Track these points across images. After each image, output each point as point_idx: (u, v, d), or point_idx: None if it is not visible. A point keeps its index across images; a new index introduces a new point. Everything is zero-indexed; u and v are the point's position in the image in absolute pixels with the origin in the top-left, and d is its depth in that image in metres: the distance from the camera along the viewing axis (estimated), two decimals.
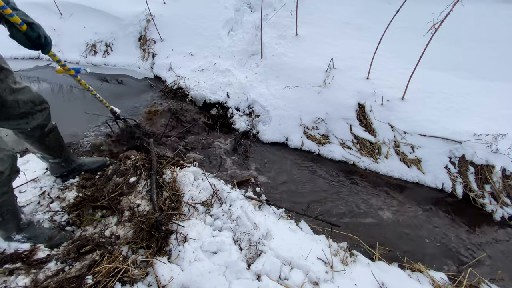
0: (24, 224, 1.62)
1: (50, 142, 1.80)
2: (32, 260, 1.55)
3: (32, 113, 1.58)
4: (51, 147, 1.84)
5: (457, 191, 2.66)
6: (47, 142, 1.79)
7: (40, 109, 1.63)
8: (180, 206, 1.99)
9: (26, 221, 1.65)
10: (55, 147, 1.86)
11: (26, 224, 1.64)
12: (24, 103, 1.51)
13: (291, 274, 1.68)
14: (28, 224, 1.65)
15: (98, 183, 2.05)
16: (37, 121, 1.63)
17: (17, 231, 1.60)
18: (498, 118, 2.81)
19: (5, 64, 1.43)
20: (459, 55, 3.44)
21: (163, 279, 1.52)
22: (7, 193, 1.46)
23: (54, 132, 1.81)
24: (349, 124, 3.08)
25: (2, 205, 1.45)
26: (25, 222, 1.64)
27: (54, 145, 1.85)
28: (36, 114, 1.61)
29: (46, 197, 1.93)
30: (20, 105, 1.49)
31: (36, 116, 1.61)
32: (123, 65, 4.48)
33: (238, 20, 4.47)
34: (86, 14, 4.80)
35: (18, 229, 1.60)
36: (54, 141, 1.83)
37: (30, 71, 4.56)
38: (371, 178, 2.80)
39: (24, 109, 1.53)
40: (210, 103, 3.60)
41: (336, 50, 3.56)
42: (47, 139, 1.77)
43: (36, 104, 1.59)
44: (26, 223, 1.64)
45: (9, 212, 1.51)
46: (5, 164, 1.34)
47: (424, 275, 1.86)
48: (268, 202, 2.28)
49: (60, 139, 1.89)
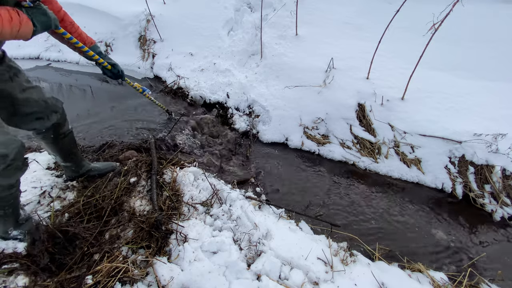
0: (22, 220, 1.62)
1: (63, 145, 1.82)
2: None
3: (46, 114, 1.60)
4: (63, 151, 1.86)
5: (457, 191, 2.66)
6: (60, 145, 1.80)
7: (55, 110, 1.65)
8: (180, 206, 1.99)
9: (25, 217, 1.64)
10: (67, 151, 1.88)
11: (24, 220, 1.63)
12: (35, 102, 1.52)
13: (291, 274, 1.68)
14: (26, 220, 1.64)
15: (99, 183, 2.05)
16: (52, 122, 1.65)
17: (15, 226, 1.59)
18: (498, 118, 2.81)
19: (14, 64, 1.45)
20: (459, 55, 3.44)
21: (163, 279, 1.52)
22: (15, 187, 1.45)
23: (68, 137, 1.83)
24: (349, 124, 3.08)
25: (7, 199, 1.44)
26: (23, 218, 1.63)
27: (66, 149, 1.86)
28: (51, 114, 1.63)
29: (47, 196, 1.93)
30: (31, 103, 1.51)
31: (51, 117, 1.63)
32: (123, 65, 4.41)
33: (238, 20, 4.47)
34: (86, 14, 4.80)
35: (16, 224, 1.59)
36: (67, 145, 1.85)
37: (30, 71, 4.56)
38: (371, 178, 2.80)
39: (37, 108, 1.54)
40: (210, 103, 3.60)
41: (336, 50, 3.56)
42: (61, 142, 1.79)
43: (49, 104, 1.61)
44: (24, 218, 1.63)
45: (12, 207, 1.51)
46: (10, 147, 1.30)
47: (424, 275, 1.86)
48: (268, 202, 2.28)
49: (74, 144, 1.91)
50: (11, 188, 1.43)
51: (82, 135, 2.99)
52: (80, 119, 3.26)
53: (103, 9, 4.71)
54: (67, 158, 1.92)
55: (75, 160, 1.98)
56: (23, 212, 1.64)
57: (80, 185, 2.05)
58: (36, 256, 1.53)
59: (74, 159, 1.97)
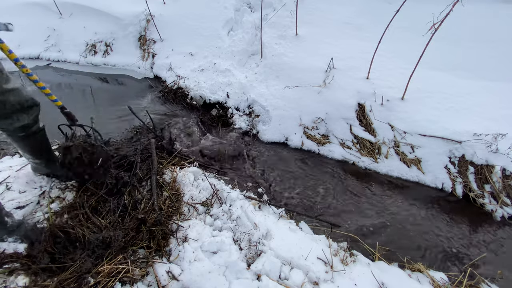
0: (13, 227, 1.59)
1: (33, 143, 1.76)
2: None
3: (17, 115, 1.55)
4: (33, 148, 1.79)
5: (457, 191, 2.66)
6: (30, 143, 1.74)
7: (27, 112, 1.60)
8: (180, 206, 1.99)
9: (15, 224, 1.61)
10: (37, 149, 1.82)
11: (16, 227, 1.60)
12: (11, 105, 1.50)
13: (291, 274, 1.68)
14: (18, 226, 1.61)
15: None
16: (21, 123, 1.60)
17: (8, 234, 1.57)
18: (498, 118, 2.81)
19: None
20: (459, 55, 3.44)
21: (163, 279, 1.52)
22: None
23: (39, 134, 1.76)
24: (349, 124, 3.08)
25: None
26: (14, 225, 1.60)
27: (36, 147, 1.80)
28: (21, 115, 1.58)
29: (46, 197, 1.93)
30: (6, 106, 1.48)
31: (21, 117, 1.58)
32: (123, 65, 4.48)
33: (238, 20, 4.47)
34: (86, 14, 4.80)
35: (8, 232, 1.57)
36: (37, 143, 1.78)
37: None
38: (371, 178, 2.80)
39: (10, 110, 1.51)
40: (210, 103, 3.60)
41: (336, 50, 3.56)
42: (29, 140, 1.73)
43: (24, 107, 1.56)
44: (15, 225, 1.60)
45: None
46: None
47: (424, 275, 1.86)
48: (268, 202, 2.28)
49: (45, 141, 1.84)
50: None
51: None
52: (80, 119, 3.25)
53: (103, 9, 4.71)
54: (37, 155, 1.85)
55: (45, 157, 1.90)
56: (11, 219, 1.60)
57: (80, 185, 2.04)
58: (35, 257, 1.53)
59: (44, 156, 1.89)
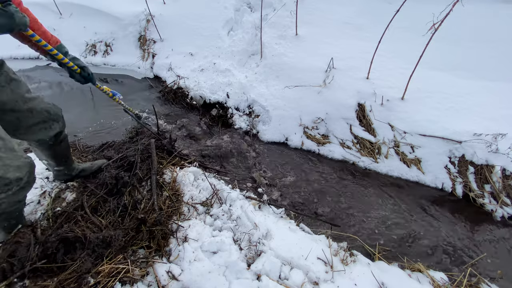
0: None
1: (59, 150, 1.80)
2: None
3: (49, 123, 1.58)
4: (58, 155, 1.83)
5: (457, 191, 2.66)
6: (57, 150, 1.78)
7: (56, 119, 1.63)
8: (180, 206, 1.99)
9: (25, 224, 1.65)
10: (62, 155, 1.86)
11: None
12: (38, 113, 1.50)
13: (291, 274, 1.68)
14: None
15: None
16: (55, 131, 1.63)
17: None
18: (498, 118, 2.81)
19: (14, 75, 1.41)
20: (459, 55, 3.44)
21: (163, 279, 1.52)
22: (21, 201, 1.46)
23: (64, 141, 1.80)
24: (349, 124, 3.08)
25: (13, 213, 1.45)
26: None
27: (61, 154, 1.84)
28: (53, 123, 1.61)
29: (47, 196, 1.93)
30: (34, 114, 1.49)
31: (53, 126, 1.61)
32: (123, 65, 4.49)
33: (238, 20, 4.47)
34: (86, 14, 4.81)
35: None
36: (62, 150, 1.82)
37: (30, 71, 4.56)
38: (371, 178, 2.80)
39: (39, 118, 1.52)
40: (210, 103, 3.60)
41: (336, 50, 3.56)
42: (57, 148, 1.77)
43: (51, 114, 1.59)
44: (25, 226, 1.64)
45: (16, 219, 1.54)
46: (23, 171, 1.32)
47: (424, 275, 1.86)
48: (268, 202, 2.28)
49: (68, 148, 1.88)
50: (19, 202, 1.44)
51: (82, 135, 3.00)
52: (80, 119, 3.26)
53: (103, 9, 4.71)
54: (61, 162, 1.90)
55: (68, 164, 1.95)
56: (24, 221, 1.65)
57: (80, 185, 2.05)
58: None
59: (67, 162, 1.94)
